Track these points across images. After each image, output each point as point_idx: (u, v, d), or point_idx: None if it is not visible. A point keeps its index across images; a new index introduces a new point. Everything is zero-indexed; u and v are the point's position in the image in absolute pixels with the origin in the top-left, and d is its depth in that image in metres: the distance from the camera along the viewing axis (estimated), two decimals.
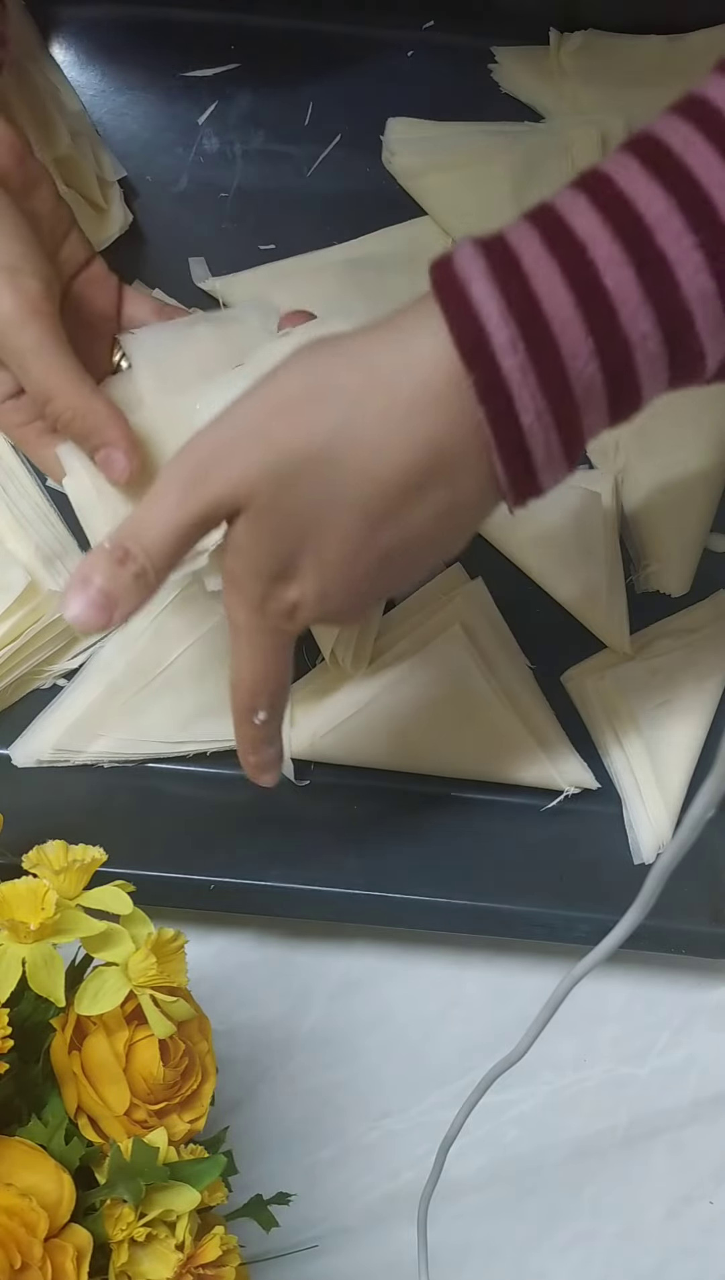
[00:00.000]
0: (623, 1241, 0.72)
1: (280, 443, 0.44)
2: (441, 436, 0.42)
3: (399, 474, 0.43)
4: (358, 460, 0.43)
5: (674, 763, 0.71)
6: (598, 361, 0.40)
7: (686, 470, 0.71)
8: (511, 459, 0.42)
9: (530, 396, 0.40)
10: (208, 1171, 0.50)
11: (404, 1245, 0.67)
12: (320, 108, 0.69)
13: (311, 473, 0.43)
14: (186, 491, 0.45)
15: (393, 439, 0.42)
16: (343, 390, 0.43)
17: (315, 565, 0.46)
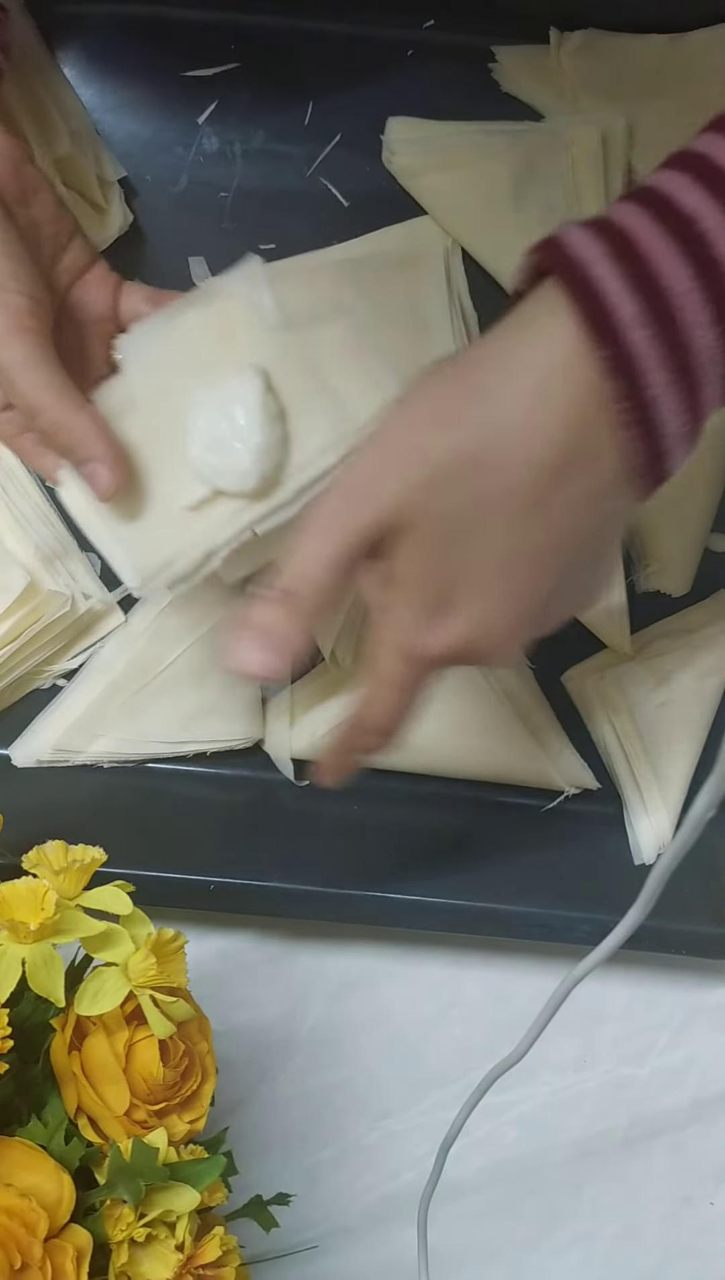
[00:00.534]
0: (622, 1242, 0.72)
1: (433, 451, 0.43)
2: (573, 417, 0.42)
3: (537, 458, 0.42)
4: (501, 453, 0.43)
5: (674, 763, 0.71)
6: (717, 329, 0.40)
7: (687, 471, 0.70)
8: (641, 435, 0.42)
9: (657, 368, 0.40)
10: (207, 1172, 0.50)
11: (404, 1246, 0.67)
12: (320, 107, 0.69)
13: (464, 476, 0.43)
14: (342, 520, 0.45)
15: (528, 425, 0.42)
16: (481, 388, 0.43)
17: (475, 585, 0.45)
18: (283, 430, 0.53)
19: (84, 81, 0.69)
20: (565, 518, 0.44)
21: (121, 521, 0.54)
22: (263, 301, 0.54)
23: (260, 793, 0.72)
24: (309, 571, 0.46)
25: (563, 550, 0.45)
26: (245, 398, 0.52)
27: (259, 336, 0.54)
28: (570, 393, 0.41)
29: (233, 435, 0.52)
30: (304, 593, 0.46)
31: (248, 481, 0.53)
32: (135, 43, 0.69)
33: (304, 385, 0.54)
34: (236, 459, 0.52)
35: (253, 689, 0.71)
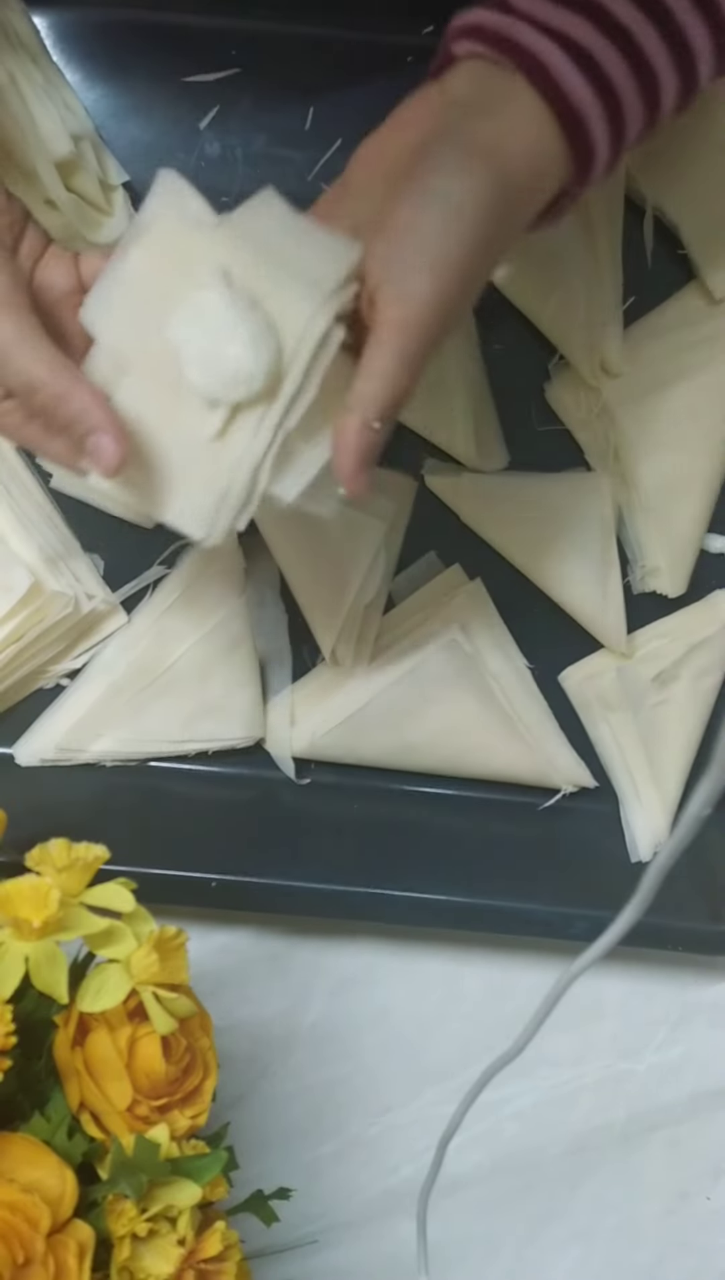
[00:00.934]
0: (620, 1236, 0.72)
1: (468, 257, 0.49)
2: (546, 168, 0.52)
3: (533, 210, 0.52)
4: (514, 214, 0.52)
5: (671, 761, 0.71)
6: (633, 80, 0.51)
7: (684, 471, 0.71)
8: (580, 173, 0.52)
9: (600, 122, 0.51)
10: (209, 1167, 0.51)
11: (404, 1240, 0.67)
12: (321, 112, 0.69)
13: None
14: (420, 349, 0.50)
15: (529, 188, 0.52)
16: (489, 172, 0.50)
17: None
18: (263, 316, 0.51)
19: (86, 86, 0.69)
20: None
21: (159, 484, 0.53)
22: (189, 207, 0.52)
23: (261, 792, 0.72)
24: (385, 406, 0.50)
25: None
26: (213, 301, 0.50)
27: (202, 242, 0.51)
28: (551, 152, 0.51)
29: (219, 342, 0.50)
30: (382, 426, 0.50)
31: (255, 382, 0.50)
32: (137, 48, 0.69)
33: (263, 269, 0.51)
34: (233, 363, 0.50)
35: (254, 689, 0.71)
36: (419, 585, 0.72)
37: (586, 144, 0.51)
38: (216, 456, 0.52)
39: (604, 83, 0.50)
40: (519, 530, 0.71)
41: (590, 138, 0.51)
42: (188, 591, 0.70)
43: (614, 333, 0.70)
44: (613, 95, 0.50)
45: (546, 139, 0.50)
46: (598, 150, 0.51)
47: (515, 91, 0.50)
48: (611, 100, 0.51)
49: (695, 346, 0.71)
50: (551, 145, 0.51)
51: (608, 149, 0.52)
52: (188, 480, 0.53)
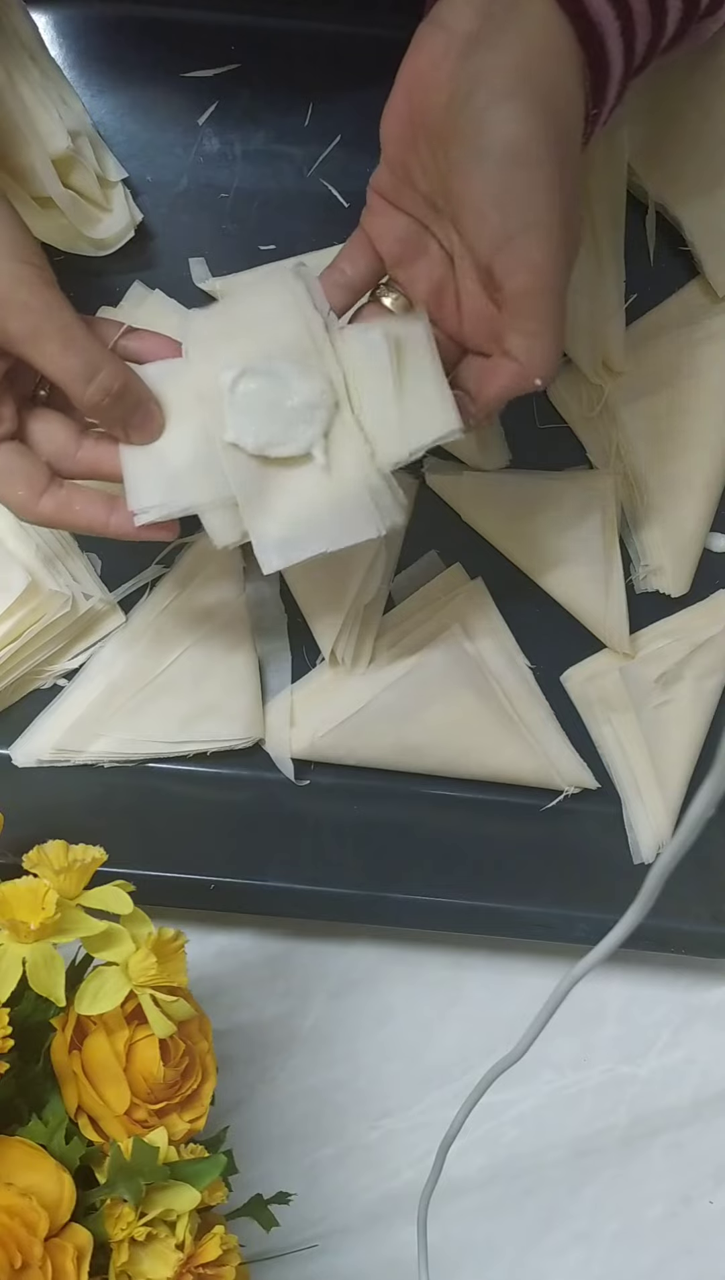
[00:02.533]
0: (622, 1241, 0.72)
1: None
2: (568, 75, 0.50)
3: (564, 108, 0.51)
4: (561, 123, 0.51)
5: (673, 762, 0.71)
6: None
7: (688, 469, 0.71)
8: (597, 80, 0.51)
9: (615, 36, 0.51)
10: (208, 1171, 0.51)
11: (404, 1244, 0.67)
12: (320, 108, 0.69)
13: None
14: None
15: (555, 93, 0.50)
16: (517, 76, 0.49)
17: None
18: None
19: (85, 83, 0.69)
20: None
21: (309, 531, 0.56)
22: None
23: (260, 793, 0.72)
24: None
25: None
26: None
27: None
28: (571, 67, 0.50)
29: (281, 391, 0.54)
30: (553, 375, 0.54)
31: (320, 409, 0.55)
32: (136, 44, 0.69)
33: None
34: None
35: (253, 689, 0.71)
36: (419, 584, 0.72)
37: (603, 61, 0.50)
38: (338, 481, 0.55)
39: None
40: (520, 529, 0.71)
41: (607, 54, 0.50)
42: (186, 591, 0.70)
43: (616, 330, 0.70)
44: (627, 9, 0.50)
45: (565, 55, 0.49)
46: (613, 69, 0.51)
47: (524, 11, 0.49)
48: (625, 14, 0.50)
49: (698, 344, 0.71)
50: (570, 62, 0.50)
51: (620, 67, 0.52)
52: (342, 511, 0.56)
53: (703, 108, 0.68)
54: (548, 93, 0.49)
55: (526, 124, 0.48)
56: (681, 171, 0.69)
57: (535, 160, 0.48)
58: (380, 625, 0.71)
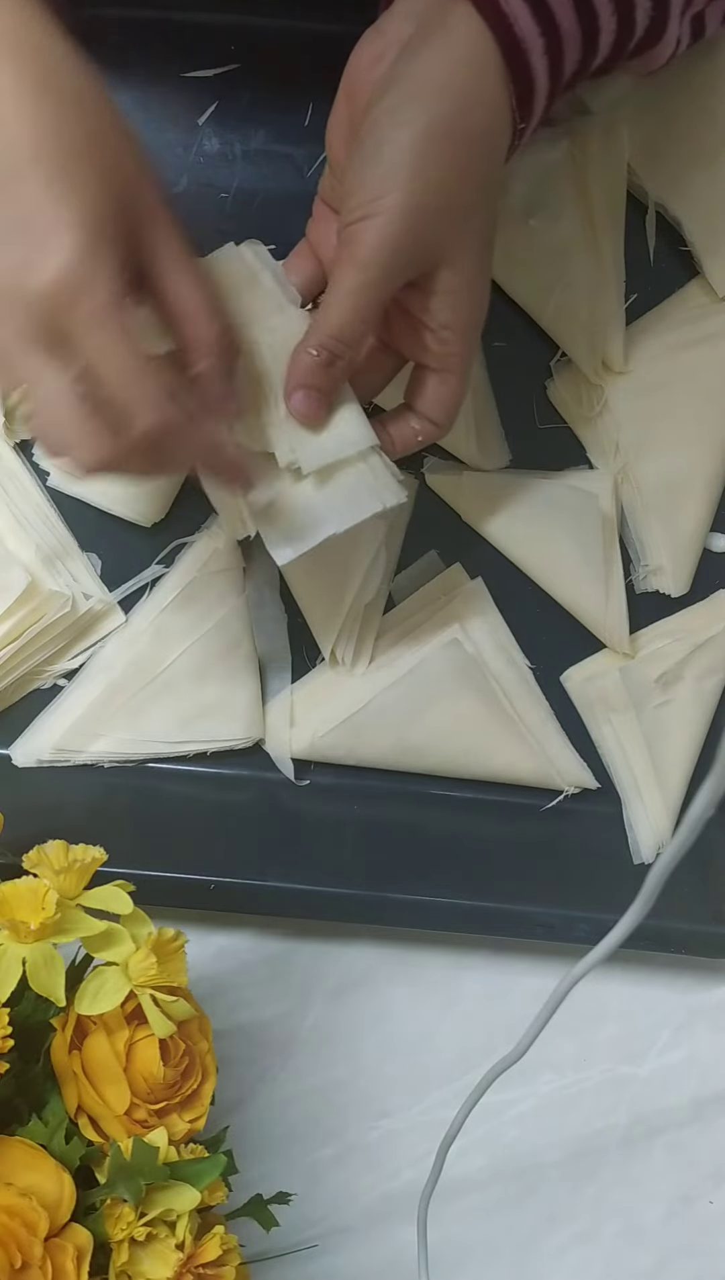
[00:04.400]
0: (622, 1241, 0.72)
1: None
2: (494, 92, 0.51)
3: (485, 125, 0.52)
4: (480, 142, 0.52)
5: (673, 762, 0.71)
6: (575, 14, 0.51)
7: (688, 469, 0.71)
8: (523, 99, 0.51)
9: (539, 54, 0.51)
10: (208, 1171, 0.51)
11: (404, 1244, 0.67)
12: (320, 108, 0.69)
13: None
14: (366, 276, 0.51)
15: (475, 111, 0.51)
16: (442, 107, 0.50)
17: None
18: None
19: None
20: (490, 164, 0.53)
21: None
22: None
23: (260, 793, 0.72)
24: (348, 334, 0.52)
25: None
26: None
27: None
28: (492, 83, 0.51)
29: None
30: (345, 356, 0.53)
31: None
32: (135, 44, 0.69)
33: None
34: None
35: (253, 689, 0.71)
36: (419, 584, 0.72)
37: (527, 76, 0.51)
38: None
39: (546, 13, 0.50)
40: (520, 529, 0.71)
41: (531, 69, 0.51)
42: (186, 591, 0.70)
43: (616, 330, 0.70)
44: (554, 28, 0.51)
45: (487, 67, 0.50)
46: (538, 85, 0.51)
47: (452, 21, 0.50)
48: (553, 33, 0.51)
49: (698, 344, 0.71)
50: (492, 75, 0.50)
51: (546, 84, 0.52)
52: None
53: (703, 108, 0.68)
54: (454, 103, 0.50)
55: (414, 127, 0.49)
56: (681, 171, 0.69)
57: (408, 163, 0.49)
58: (380, 625, 0.71)
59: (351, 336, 0.52)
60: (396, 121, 0.50)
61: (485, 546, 0.72)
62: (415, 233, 0.50)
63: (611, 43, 0.53)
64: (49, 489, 0.70)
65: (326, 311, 0.52)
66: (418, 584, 0.72)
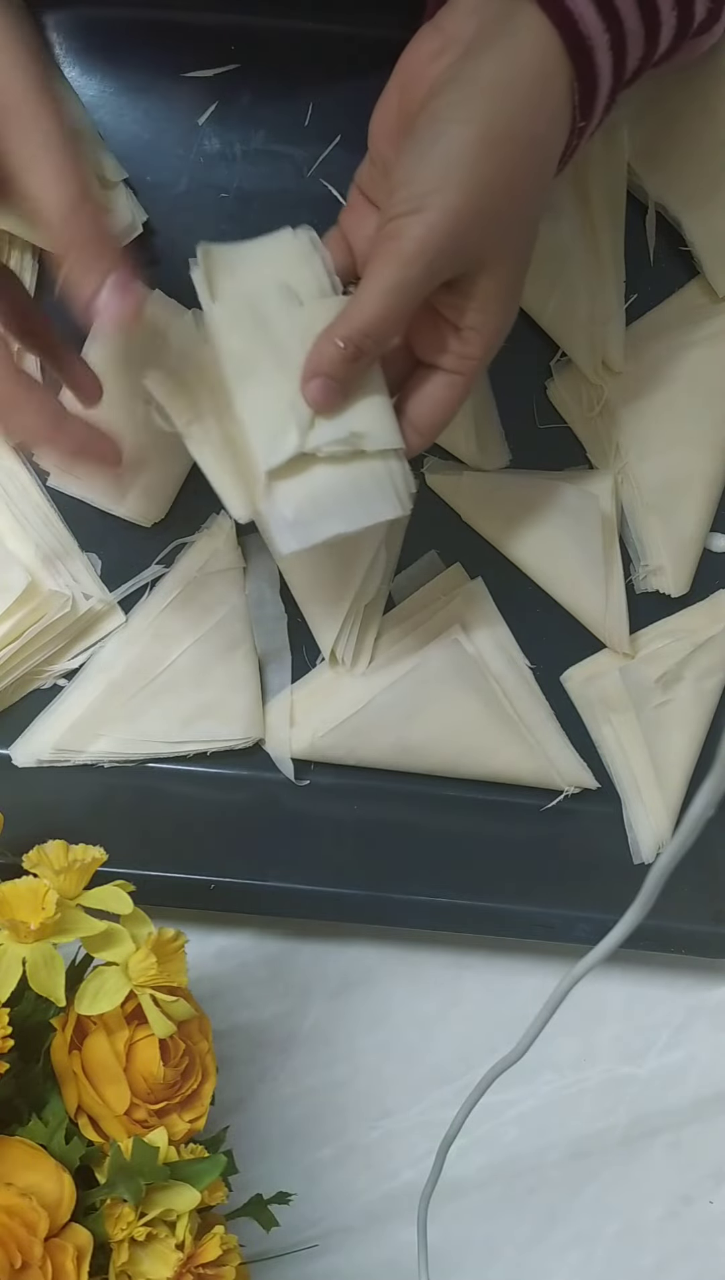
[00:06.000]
0: (622, 1241, 0.72)
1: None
2: (560, 92, 0.51)
3: (542, 134, 0.51)
4: (531, 149, 0.51)
5: (674, 762, 0.71)
6: (638, 13, 0.51)
7: (687, 469, 0.71)
8: (586, 95, 0.51)
9: (604, 50, 0.50)
10: (208, 1171, 0.51)
11: (404, 1244, 0.67)
12: (320, 108, 0.69)
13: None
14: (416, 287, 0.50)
15: (537, 115, 0.51)
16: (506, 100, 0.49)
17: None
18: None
19: (84, 83, 0.69)
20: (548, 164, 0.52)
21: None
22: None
23: (260, 793, 0.72)
24: (382, 334, 0.51)
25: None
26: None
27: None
28: (557, 83, 0.50)
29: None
30: (371, 351, 0.52)
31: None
32: (135, 44, 0.69)
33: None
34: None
35: (253, 689, 0.71)
36: (419, 584, 0.72)
37: (591, 74, 0.50)
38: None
39: (611, 9, 0.50)
40: (520, 529, 0.71)
41: (595, 68, 0.50)
42: (186, 591, 0.70)
43: (616, 330, 0.70)
44: (618, 23, 0.50)
45: (552, 68, 0.50)
46: (601, 83, 0.51)
47: (517, 21, 0.49)
48: (617, 28, 0.50)
49: (698, 344, 0.71)
50: (557, 76, 0.50)
51: (609, 81, 0.51)
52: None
53: (703, 108, 0.68)
54: (516, 104, 0.49)
55: (473, 127, 0.48)
56: (681, 172, 0.69)
57: (466, 159, 0.49)
58: (380, 625, 0.71)
59: (382, 333, 0.51)
60: (457, 117, 0.49)
61: (485, 546, 0.72)
62: (462, 234, 0.50)
63: (671, 37, 0.53)
64: (49, 489, 0.70)
65: (360, 304, 0.51)
66: (418, 584, 0.72)
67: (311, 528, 0.54)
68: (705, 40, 0.56)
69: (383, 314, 0.50)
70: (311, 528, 0.54)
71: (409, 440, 0.55)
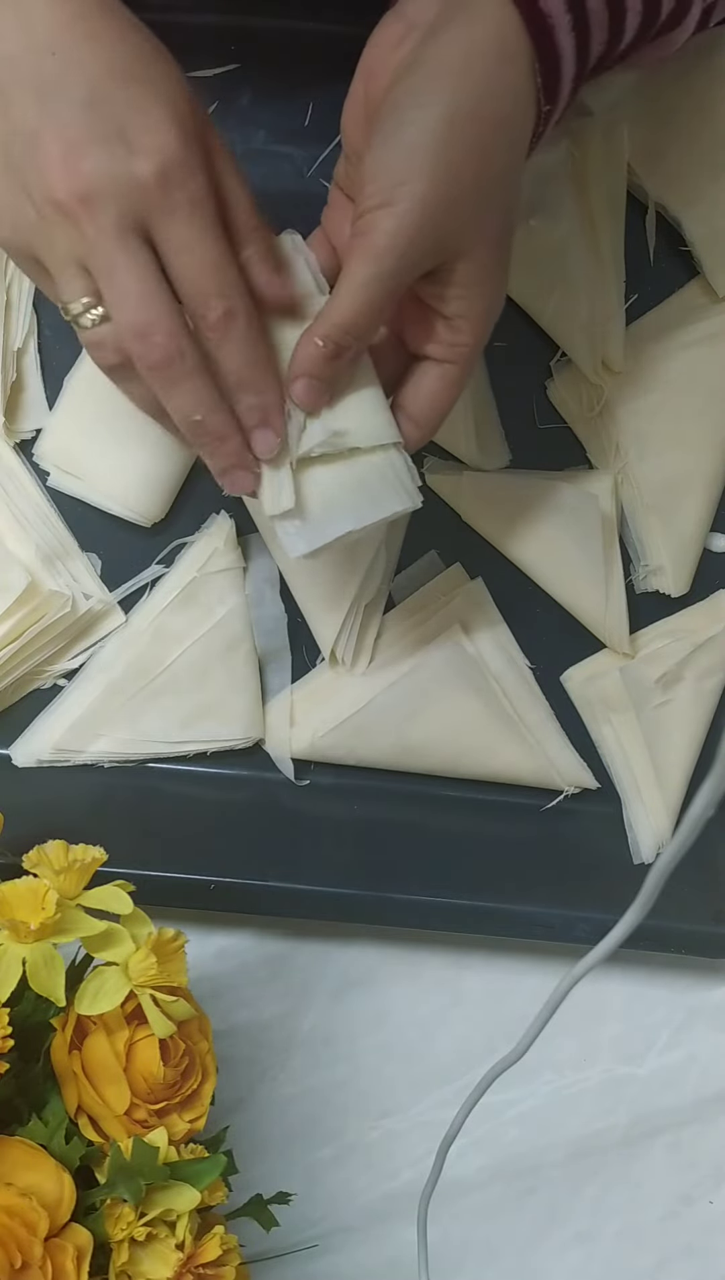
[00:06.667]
0: (622, 1241, 0.72)
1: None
2: (520, 73, 0.50)
3: (507, 114, 0.50)
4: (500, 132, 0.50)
5: (674, 762, 0.71)
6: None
7: (687, 469, 0.71)
8: (549, 75, 0.50)
9: (566, 32, 0.50)
10: (208, 1171, 0.50)
11: (404, 1244, 0.67)
12: (320, 108, 0.69)
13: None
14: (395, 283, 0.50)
15: (498, 95, 0.50)
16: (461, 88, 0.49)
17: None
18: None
19: None
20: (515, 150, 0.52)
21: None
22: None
23: (260, 793, 0.72)
24: (361, 330, 0.51)
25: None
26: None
27: None
28: (519, 64, 0.49)
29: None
30: (353, 348, 0.52)
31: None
32: None
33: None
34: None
35: (253, 689, 0.71)
36: (419, 585, 0.72)
37: (553, 54, 0.50)
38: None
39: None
40: (520, 529, 0.71)
41: (557, 48, 0.50)
42: (186, 591, 0.70)
43: (616, 330, 0.70)
44: (580, 4, 0.50)
45: (512, 48, 0.49)
46: (564, 65, 0.50)
47: (476, 2, 0.49)
48: (579, 9, 0.50)
49: (698, 344, 0.71)
50: (519, 57, 0.49)
51: (573, 65, 0.51)
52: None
53: (702, 108, 0.68)
54: (478, 86, 0.49)
55: (436, 110, 0.48)
56: (681, 172, 0.69)
57: (424, 145, 0.48)
58: (380, 625, 0.71)
59: (361, 329, 0.51)
60: (419, 103, 0.48)
61: (485, 546, 0.72)
62: (435, 223, 0.49)
63: (637, 25, 0.52)
64: (49, 489, 0.70)
65: (337, 302, 0.51)
66: (418, 584, 0.72)
67: (321, 528, 0.54)
68: (678, 34, 0.55)
69: (360, 309, 0.50)
70: (321, 528, 0.54)
71: (407, 433, 0.55)
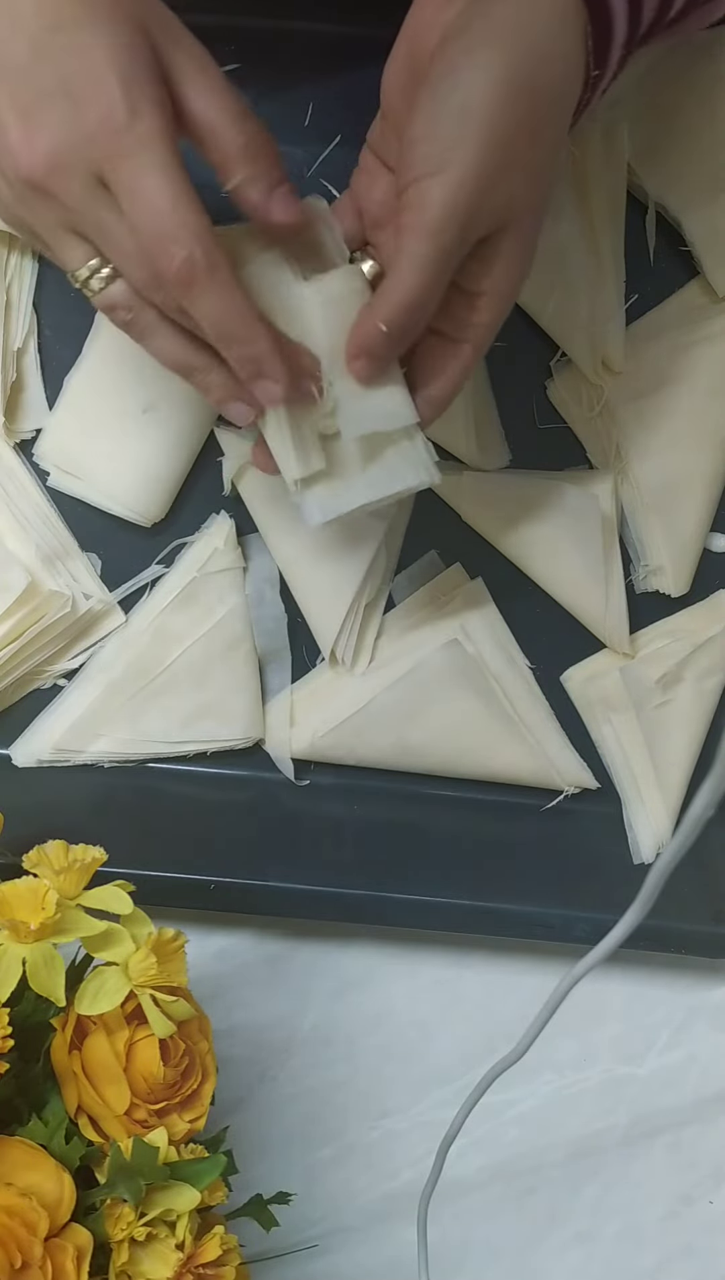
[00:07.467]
0: (622, 1241, 0.72)
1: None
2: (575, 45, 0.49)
3: (560, 80, 0.49)
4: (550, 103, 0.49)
5: (673, 762, 0.71)
6: None
7: (687, 469, 0.71)
8: (599, 43, 0.49)
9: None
10: (208, 1171, 0.50)
11: (404, 1244, 0.67)
12: (320, 108, 0.69)
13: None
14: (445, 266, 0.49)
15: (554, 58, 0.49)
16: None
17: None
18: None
19: None
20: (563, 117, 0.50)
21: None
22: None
23: (260, 793, 0.72)
24: (424, 310, 0.50)
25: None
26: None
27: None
28: (572, 27, 0.48)
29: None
30: (419, 326, 0.51)
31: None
32: None
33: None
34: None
35: (253, 689, 0.71)
36: (419, 584, 0.72)
37: (607, 17, 0.48)
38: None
39: None
40: (520, 529, 0.71)
41: (610, 12, 0.48)
42: (186, 591, 0.70)
43: (616, 330, 0.70)
44: None
45: (568, 10, 0.47)
46: (616, 29, 0.49)
47: None
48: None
49: (698, 344, 0.71)
50: (574, 20, 0.48)
51: (625, 29, 0.49)
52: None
53: (703, 108, 0.68)
54: (534, 49, 0.47)
55: (492, 72, 0.47)
56: (681, 172, 0.69)
57: (479, 109, 0.47)
58: (380, 625, 0.71)
59: (424, 307, 0.50)
60: (474, 63, 0.47)
61: (485, 546, 0.72)
62: (488, 191, 0.47)
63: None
64: (49, 489, 0.70)
65: (398, 282, 0.49)
66: (418, 584, 0.72)
67: (338, 499, 0.54)
68: (716, 5, 0.54)
69: (422, 289, 0.49)
70: (338, 499, 0.54)
71: (422, 411, 0.55)
